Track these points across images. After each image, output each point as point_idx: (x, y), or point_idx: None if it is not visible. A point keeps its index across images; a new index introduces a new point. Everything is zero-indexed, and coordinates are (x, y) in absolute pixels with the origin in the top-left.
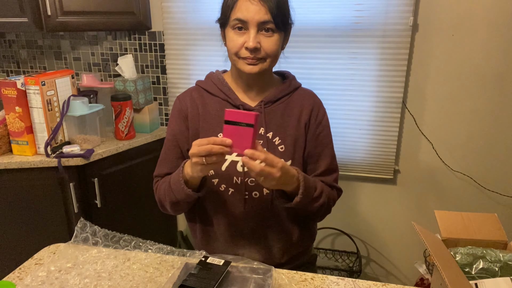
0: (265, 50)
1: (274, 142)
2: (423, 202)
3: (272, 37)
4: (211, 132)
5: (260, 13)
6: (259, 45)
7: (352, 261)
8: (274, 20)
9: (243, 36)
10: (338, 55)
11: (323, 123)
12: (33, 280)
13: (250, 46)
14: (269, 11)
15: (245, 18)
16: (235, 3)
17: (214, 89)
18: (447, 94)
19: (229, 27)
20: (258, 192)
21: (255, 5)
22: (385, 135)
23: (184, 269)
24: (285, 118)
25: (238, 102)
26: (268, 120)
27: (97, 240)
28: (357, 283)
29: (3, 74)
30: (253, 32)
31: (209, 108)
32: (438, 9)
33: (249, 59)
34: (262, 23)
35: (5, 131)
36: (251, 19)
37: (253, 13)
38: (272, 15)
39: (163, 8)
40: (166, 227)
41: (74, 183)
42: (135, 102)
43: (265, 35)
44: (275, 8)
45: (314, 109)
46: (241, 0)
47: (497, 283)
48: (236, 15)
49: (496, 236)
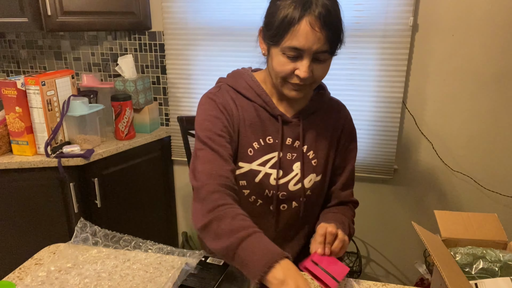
0: (316, 77)
1: (308, 156)
2: (423, 202)
3: (325, 64)
4: (246, 140)
5: (319, 43)
6: (311, 73)
7: (352, 261)
8: (330, 49)
9: (294, 63)
10: (338, 55)
11: (352, 137)
12: (33, 280)
13: (302, 76)
14: (328, 41)
15: (303, 48)
16: (294, 25)
17: (251, 93)
18: (447, 94)
19: (279, 49)
20: (286, 205)
21: (316, 32)
22: (385, 135)
23: (184, 269)
24: (319, 131)
25: (277, 112)
26: (304, 133)
27: (97, 240)
28: (361, 282)
29: (3, 74)
30: (307, 62)
31: (245, 114)
32: (438, 9)
33: (297, 85)
34: (318, 52)
35: (5, 131)
36: (309, 48)
37: (311, 42)
38: (330, 44)
39: (163, 8)
40: (166, 227)
41: (74, 183)
42: (135, 102)
43: (318, 63)
44: (334, 35)
45: (346, 123)
46: (303, 24)
47: (497, 283)
48: (293, 43)
49: (496, 236)
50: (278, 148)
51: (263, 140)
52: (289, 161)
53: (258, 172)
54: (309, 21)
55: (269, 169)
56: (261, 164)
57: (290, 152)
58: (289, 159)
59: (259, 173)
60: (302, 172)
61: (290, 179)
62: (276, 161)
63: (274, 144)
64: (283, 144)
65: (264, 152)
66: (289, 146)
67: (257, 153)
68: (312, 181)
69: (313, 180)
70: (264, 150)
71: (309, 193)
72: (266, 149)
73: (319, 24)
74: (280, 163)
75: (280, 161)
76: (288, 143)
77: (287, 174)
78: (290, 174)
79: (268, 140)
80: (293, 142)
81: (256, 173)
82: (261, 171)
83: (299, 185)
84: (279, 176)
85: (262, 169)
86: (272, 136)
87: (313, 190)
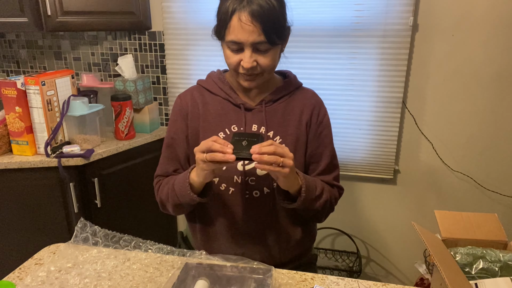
0: (262, 66)
1: (274, 141)
2: (423, 202)
3: (268, 53)
4: (211, 132)
5: (253, 35)
6: (255, 63)
7: (352, 261)
8: (268, 40)
9: (239, 55)
10: (338, 55)
11: (324, 123)
12: (33, 280)
13: (246, 67)
14: (263, 31)
15: (239, 41)
16: (227, 24)
17: (215, 88)
18: (447, 94)
19: (224, 44)
20: (258, 191)
21: (248, 26)
22: (385, 135)
23: (184, 269)
24: (285, 117)
25: (239, 101)
26: (269, 119)
27: (97, 240)
28: (361, 282)
29: (3, 74)
30: (248, 53)
31: (210, 107)
32: (438, 9)
33: (247, 76)
34: (256, 43)
35: (5, 131)
36: (245, 40)
37: (246, 35)
38: (266, 35)
39: (163, 8)
40: (166, 227)
41: (74, 183)
42: (135, 102)
43: (261, 53)
44: (268, 26)
45: (315, 108)
46: (234, 21)
47: (497, 283)
48: (230, 37)
49: (496, 236)
50: None
51: (228, 129)
52: None
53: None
54: (238, 17)
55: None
56: None
57: None
58: None
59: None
60: None
61: None
62: None
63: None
64: (248, 131)
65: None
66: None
67: None
68: None
69: None
70: (229, 138)
71: None
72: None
73: (249, 18)
74: None
75: None
76: (254, 130)
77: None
78: None
79: (233, 128)
80: (258, 129)
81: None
82: None
83: None
84: (245, 162)
85: None
86: (237, 124)
87: None
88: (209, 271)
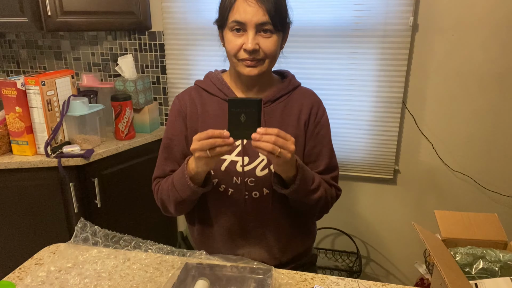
0: (264, 51)
1: None
2: (423, 202)
3: (271, 38)
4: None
5: (258, 15)
6: (257, 46)
7: (352, 261)
8: (272, 21)
9: (241, 38)
10: (338, 55)
11: (322, 122)
12: (33, 280)
13: (248, 48)
14: (267, 12)
15: (243, 20)
16: (232, 5)
17: (213, 88)
18: (447, 94)
19: (227, 28)
20: (258, 192)
21: (253, 6)
22: (385, 135)
23: (184, 269)
24: (284, 117)
25: None
26: (268, 119)
27: (97, 240)
28: (361, 282)
29: (3, 74)
30: (252, 34)
31: (208, 108)
32: (438, 9)
33: (248, 61)
34: (260, 24)
35: (5, 131)
36: (249, 20)
37: (251, 14)
38: (270, 16)
39: (163, 8)
40: (166, 227)
41: (74, 183)
42: (135, 102)
43: (264, 36)
44: (273, 9)
45: (313, 108)
46: (239, 2)
47: (497, 283)
48: (234, 17)
49: (496, 236)
50: None
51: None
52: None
53: (223, 161)
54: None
55: (235, 156)
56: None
57: None
58: None
59: (224, 161)
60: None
61: (257, 164)
62: (240, 148)
63: None
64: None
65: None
66: None
67: None
68: None
69: None
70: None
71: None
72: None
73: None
74: (246, 150)
75: (245, 147)
76: None
77: (253, 161)
78: (256, 160)
79: None
80: None
81: (221, 161)
82: (227, 159)
83: (266, 170)
84: (245, 163)
85: (228, 157)
86: None
87: None
88: (209, 271)
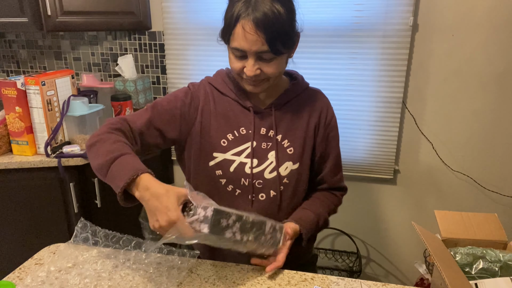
0: (267, 73)
1: (283, 144)
2: (423, 202)
3: (273, 62)
4: (220, 131)
5: (257, 44)
6: (259, 71)
7: (352, 261)
8: (272, 49)
9: (242, 61)
10: (338, 55)
11: (332, 124)
12: (33, 280)
13: (249, 75)
14: (267, 42)
15: (243, 48)
16: (232, 30)
17: (225, 88)
18: (447, 94)
19: (229, 48)
20: (265, 194)
21: (252, 35)
22: (385, 135)
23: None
24: (294, 120)
25: (248, 104)
26: (278, 122)
27: (97, 240)
28: (363, 282)
29: (3, 74)
30: (252, 61)
31: (218, 107)
32: (438, 9)
33: (251, 81)
34: (260, 52)
35: (5, 131)
36: (248, 49)
37: (249, 44)
38: (270, 45)
39: (163, 8)
40: None
41: (74, 183)
42: (135, 102)
43: (266, 61)
44: (272, 36)
45: (323, 110)
46: (238, 29)
47: (497, 283)
48: (234, 44)
49: (496, 236)
50: (251, 138)
51: (237, 131)
52: (264, 150)
53: (232, 162)
54: (242, 25)
55: (244, 158)
56: (236, 154)
57: (264, 141)
58: (264, 148)
59: (233, 162)
60: (277, 160)
61: (265, 167)
62: (250, 150)
63: (247, 134)
64: (257, 134)
65: (238, 142)
66: (263, 135)
67: (231, 144)
68: (288, 169)
69: (289, 168)
70: (238, 140)
71: (286, 181)
72: (240, 139)
73: (254, 27)
74: (255, 152)
75: (255, 150)
76: (263, 133)
77: (262, 163)
78: (265, 163)
79: (241, 131)
80: (267, 132)
81: (231, 162)
82: (236, 160)
83: (275, 173)
84: (254, 165)
85: (237, 159)
86: (245, 127)
87: (290, 178)
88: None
